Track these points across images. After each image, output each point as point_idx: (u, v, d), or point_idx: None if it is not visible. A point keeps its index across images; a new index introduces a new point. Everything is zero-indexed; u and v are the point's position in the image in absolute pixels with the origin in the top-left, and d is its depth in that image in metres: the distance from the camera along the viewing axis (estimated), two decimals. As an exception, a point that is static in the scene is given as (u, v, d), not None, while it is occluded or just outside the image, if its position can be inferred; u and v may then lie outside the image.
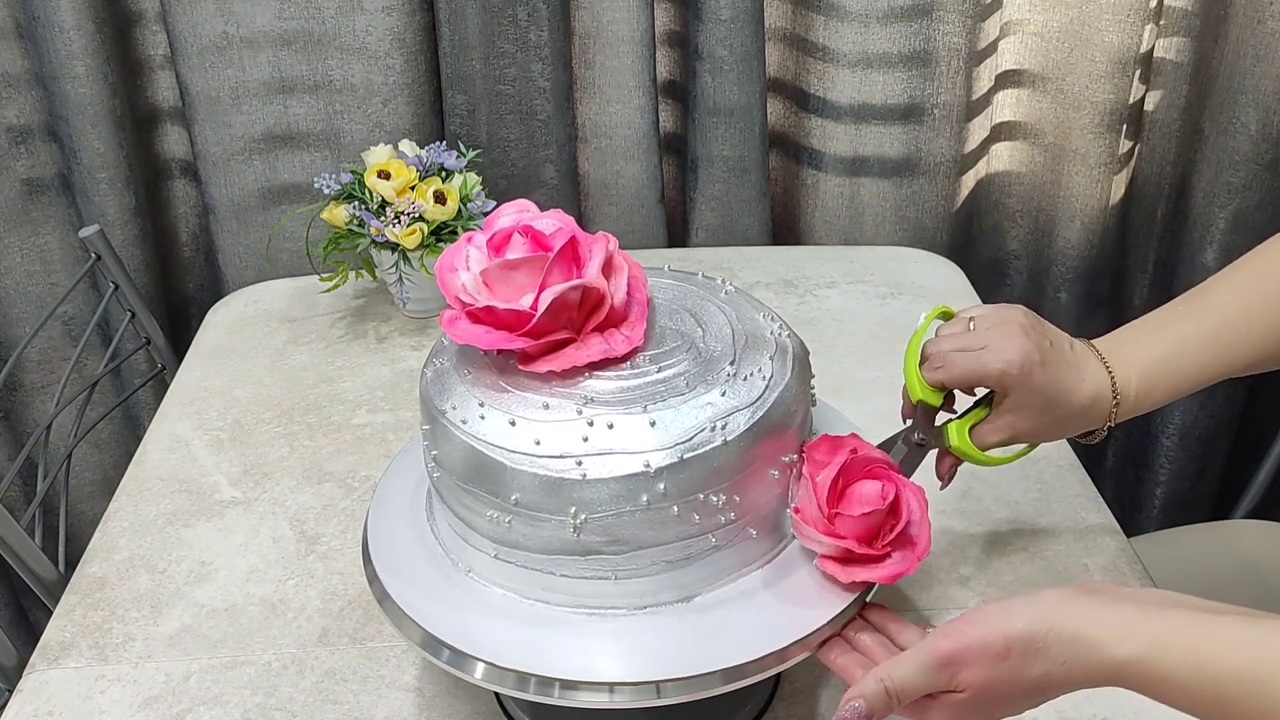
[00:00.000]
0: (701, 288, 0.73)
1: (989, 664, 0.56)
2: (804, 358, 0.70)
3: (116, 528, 0.95)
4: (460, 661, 0.63)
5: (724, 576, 0.65)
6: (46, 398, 1.43)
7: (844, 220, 1.43)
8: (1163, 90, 1.41)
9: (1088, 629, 0.54)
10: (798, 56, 1.38)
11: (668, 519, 0.61)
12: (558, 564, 0.63)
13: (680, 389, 0.63)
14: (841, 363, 1.12)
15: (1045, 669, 0.55)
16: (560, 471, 0.60)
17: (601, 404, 0.62)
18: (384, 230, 1.13)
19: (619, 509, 0.60)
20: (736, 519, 0.63)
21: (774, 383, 0.65)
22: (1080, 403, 0.72)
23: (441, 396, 0.66)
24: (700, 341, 0.67)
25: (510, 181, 1.37)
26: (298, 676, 0.80)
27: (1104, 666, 0.54)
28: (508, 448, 0.62)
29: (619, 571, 0.63)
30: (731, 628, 0.63)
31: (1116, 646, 0.53)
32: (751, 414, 0.63)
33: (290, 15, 1.27)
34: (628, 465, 0.60)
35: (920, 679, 0.57)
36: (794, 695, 0.77)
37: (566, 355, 0.64)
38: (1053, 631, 0.55)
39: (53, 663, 0.82)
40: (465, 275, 0.66)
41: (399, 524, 0.72)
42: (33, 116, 1.31)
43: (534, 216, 0.68)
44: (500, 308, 0.64)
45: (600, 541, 0.62)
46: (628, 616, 0.64)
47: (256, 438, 1.05)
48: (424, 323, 1.22)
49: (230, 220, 1.36)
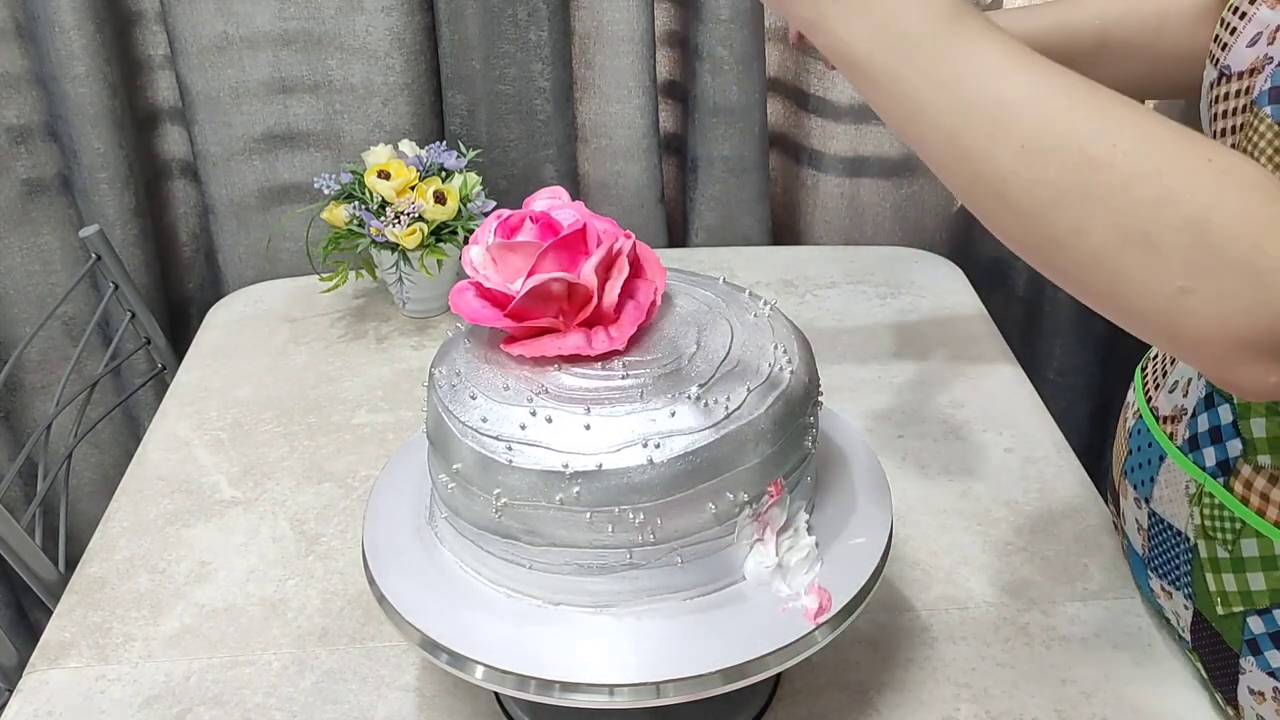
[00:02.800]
0: (735, 305, 0.70)
1: None
2: (800, 398, 0.66)
3: (116, 528, 0.95)
4: (460, 662, 0.63)
5: (644, 597, 0.64)
6: (46, 398, 1.43)
7: (844, 220, 1.43)
8: (1163, 90, 1.41)
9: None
10: (798, 56, 1.38)
11: (580, 523, 0.61)
12: (483, 539, 0.64)
13: (632, 399, 0.62)
14: (841, 363, 1.12)
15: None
16: (493, 452, 0.61)
17: (553, 397, 0.62)
18: (384, 230, 1.13)
19: (534, 501, 0.61)
20: (657, 541, 0.62)
21: (736, 415, 0.62)
22: None
23: (441, 357, 0.69)
24: (687, 358, 0.65)
25: (510, 181, 1.37)
26: (298, 676, 0.80)
27: None
28: (460, 418, 0.63)
29: (534, 562, 0.63)
30: (731, 628, 0.63)
31: None
32: (692, 441, 0.60)
33: (290, 15, 1.27)
34: (549, 461, 0.60)
35: None
36: (794, 695, 0.77)
37: (541, 343, 0.65)
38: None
39: (53, 663, 0.82)
40: (477, 250, 0.67)
41: (398, 524, 0.72)
42: (33, 116, 1.31)
43: (560, 205, 0.68)
44: (490, 286, 0.65)
45: (518, 528, 0.62)
46: (627, 617, 0.64)
47: (256, 438, 1.05)
48: (424, 323, 1.22)
49: (230, 220, 1.36)
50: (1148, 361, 0.81)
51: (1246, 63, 0.63)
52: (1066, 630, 0.81)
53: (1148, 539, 0.76)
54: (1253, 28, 0.63)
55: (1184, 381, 0.72)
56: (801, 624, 0.63)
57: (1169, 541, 0.73)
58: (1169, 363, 0.76)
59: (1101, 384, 1.57)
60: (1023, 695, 0.76)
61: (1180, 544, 0.71)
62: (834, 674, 0.78)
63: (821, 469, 0.72)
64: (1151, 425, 0.75)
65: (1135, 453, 0.77)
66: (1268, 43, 0.62)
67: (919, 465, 0.98)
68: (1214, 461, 0.68)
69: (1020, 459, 0.98)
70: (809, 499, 0.69)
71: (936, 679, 0.77)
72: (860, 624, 0.80)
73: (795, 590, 0.64)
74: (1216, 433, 0.68)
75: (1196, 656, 0.74)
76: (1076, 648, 0.80)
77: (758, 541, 0.65)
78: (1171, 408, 0.73)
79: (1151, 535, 0.75)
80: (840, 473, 0.73)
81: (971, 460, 0.98)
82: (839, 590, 0.64)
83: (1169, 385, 0.74)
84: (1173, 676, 0.77)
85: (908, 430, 1.02)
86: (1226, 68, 0.65)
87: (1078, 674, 0.78)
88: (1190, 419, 0.70)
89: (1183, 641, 0.76)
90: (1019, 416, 1.04)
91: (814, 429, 0.68)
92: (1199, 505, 0.69)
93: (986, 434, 1.01)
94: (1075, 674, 0.78)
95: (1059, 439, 1.01)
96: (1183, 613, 0.74)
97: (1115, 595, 0.84)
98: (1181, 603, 0.73)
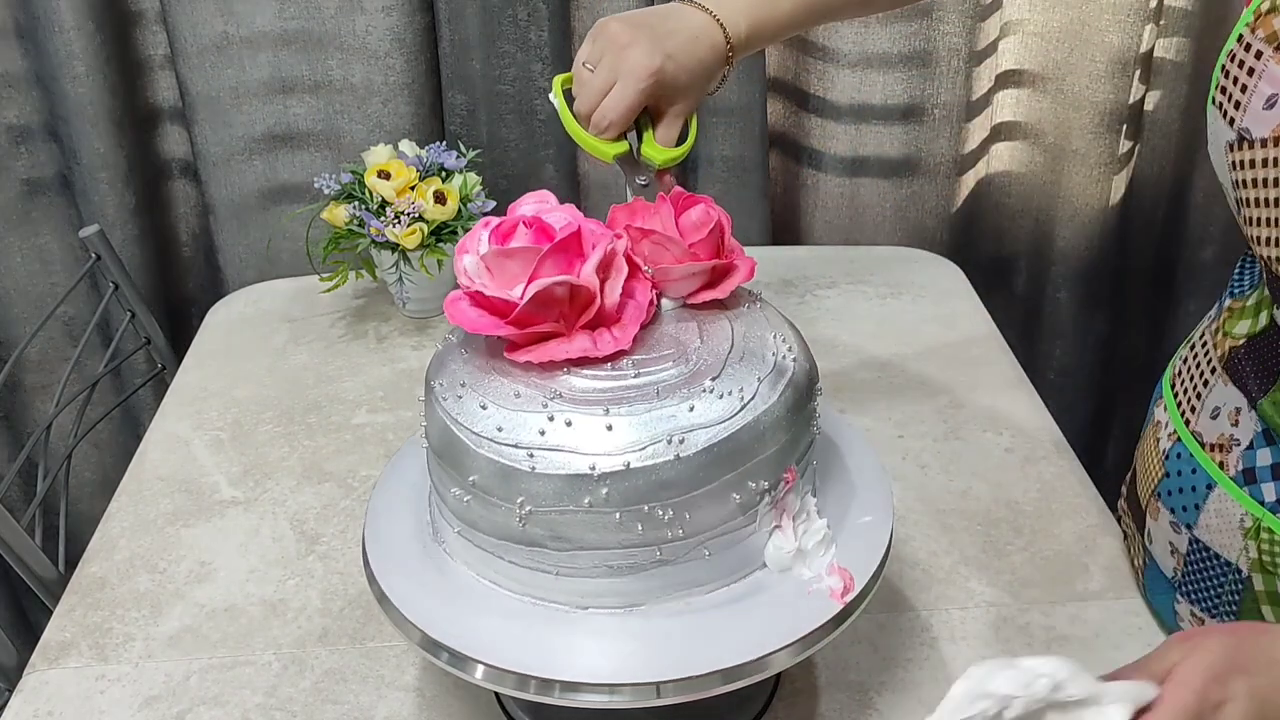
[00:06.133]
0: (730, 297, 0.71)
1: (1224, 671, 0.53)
2: (805, 385, 0.67)
3: (116, 528, 0.95)
4: (460, 662, 0.63)
5: (672, 592, 0.64)
6: (46, 398, 1.43)
7: (844, 220, 1.43)
8: (1163, 90, 1.41)
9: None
10: (798, 56, 1.38)
11: (609, 524, 0.61)
12: (505, 550, 0.64)
13: (650, 397, 0.62)
14: (841, 362, 1.12)
15: None
16: (513, 460, 0.61)
17: (568, 401, 0.62)
18: (384, 230, 1.13)
19: (561, 506, 0.60)
20: (686, 536, 0.62)
21: (752, 405, 0.62)
22: (708, 60, 0.79)
23: (437, 370, 0.68)
24: (694, 352, 0.65)
25: (510, 181, 1.37)
26: (298, 676, 0.80)
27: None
28: (473, 429, 0.62)
29: (560, 568, 0.63)
30: (731, 628, 0.63)
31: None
32: (714, 433, 0.61)
33: (290, 15, 1.27)
34: (575, 464, 0.60)
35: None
36: (794, 695, 0.77)
37: (547, 349, 0.64)
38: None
39: (53, 663, 0.82)
40: (470, 259, 0.66)
41: (398, 524, 0.72)
42: (33, 116, 1.31)
43: (549, 209, 0.68)
44: (491, 294, 0.64)
45: (544, 535, 0.62)
46: (627, 617, 0.64)
47: (256, 438, 1.05)
48: (424, 323, 1.22)
49: (230, 220, 1.36)
50: (1175, 378, 0.80)
51: (1268, 128, 0.62)
52: (1066, 630, 0.81)
53: (1184, 564, 0.75)
54: (1266, 85, 0.62)
55: (1230, 410, 0.71)
56: (830, 605, 0.63)
57: (1214, 571, 0.72)
58: (1201, 383, 0.75)
59: (1101, 384, 1.57)
60: (1023, 695, 0.76)
61: (1228, 575, 0.71)
62: (834, 674, 0.78)
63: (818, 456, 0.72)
64: (1196, 451, 0.74)
65: (1174, 476, 0.76)
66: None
67: (919, 465, 0.98)
68: (1275, 497, 0.68)
69: (1020, 459, 0.98)
70: (813, 483, 0.69)
71: (936, 679, 0.77)
72: (860, 624, 0.80)
73: (816, 572, 0.65)
74: (1278, 470, 0.67)
75: None
76: (1076, 648, 0.80)
77: (776, 528, 0.65)
78: (1218, 436, 0.72)
79: (1190, 562, 0.74)
80: (834, 458, 0.74)
81: (971, 460, 0.98)
82: (859, 569, 0.65)
83: (1209, 410, 0.73)
84: (1173, 676, 0.77)
85: (908, 430, 1.02)
86: (1246, 130, 0.64)
87: (1078, 674, 0.78)
88: (1246, 451, 0.70)
89: None
90: (1019, 416, 1.04)
91: (817, 414, 0.69)
92: (1256, 539, 0.68)
93: (986, 434, 1.01)
94: (1075, 674, 0.78)
95: (1059, 439, 1.01)
96: None
97: (1115, 595, 0.84)
98: None
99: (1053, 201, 1.44)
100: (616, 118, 0.76)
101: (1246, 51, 0.63)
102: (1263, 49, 0.62)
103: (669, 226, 0.68)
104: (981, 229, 1.50)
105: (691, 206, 0.69)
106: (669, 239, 0.67)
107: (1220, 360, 0.73)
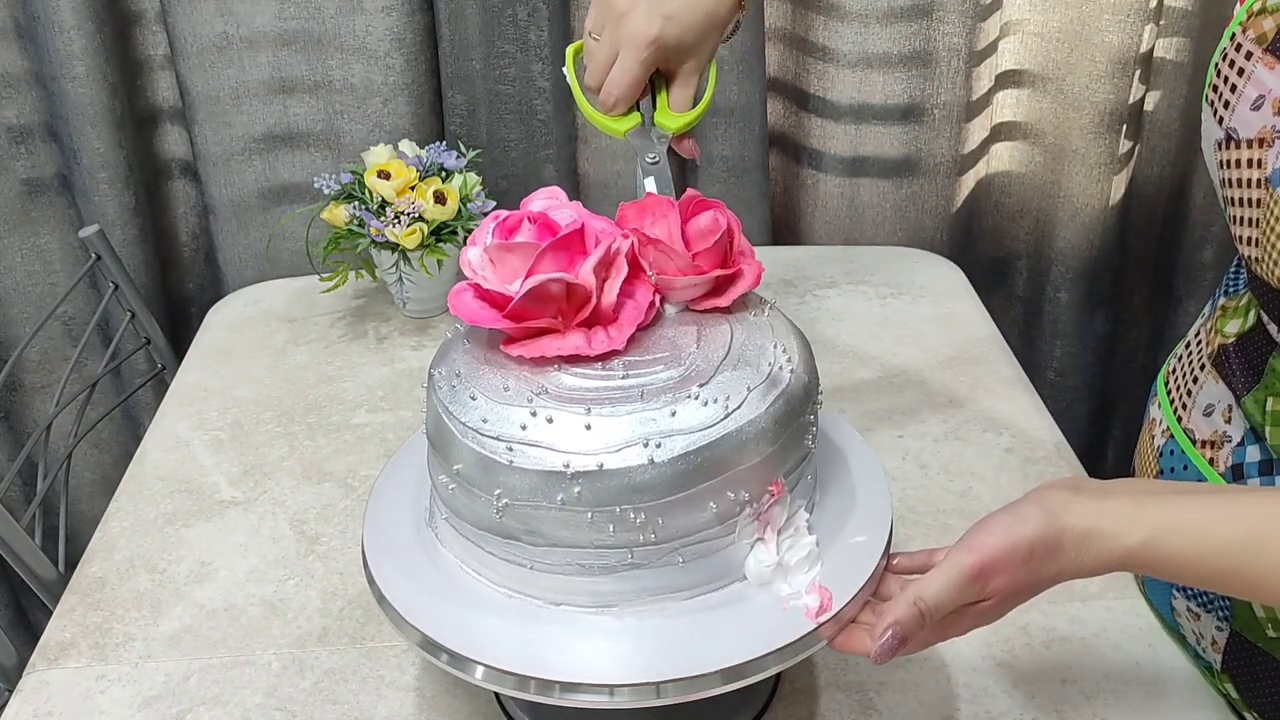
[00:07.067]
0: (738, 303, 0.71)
1: (1015, 569, 0.58)
2: (800, 397, 0.65)
3: (116, 528, 0.95)
4: (460, 662, 0.63)
5: (645, 597, 0.64)
6: (46, 398, 1.43)
7: (844, 220, 1.43)
8: (1163, 90, 1.41)
9: (1098, 524, 0.57)
10: (798, 56, 1.38)
11: (581, 523, 0.61)
12: (484, 540, 0.64)
13: (634, 399, 0.62)
14: (841, 362, 1.12)
15: (1060, 566, 0.58)
16: (493, 452, 0.61)
17: (553, 397, 0.62)
18: (384, 230, 1.13)
19: (535, 502, 0.61)
20: (659, 541, 0.62)
21: (737, 414, 0.61)
22: (715, 10, 0.74)
23: (439, 360, 0.69)
24: (687, 357, 0.65)
25: (510, 181, 1.37)
26: (298, 676, 0.80)
27: (1112, 555, 0.57)
28: (460, 419, 0.63)
29: (535, 562, 0.63)
30: (731, 628, 0.63)
31: (1124, 537, 0.56)
32: (693, 440, 0.60)
33: (290, 15, 1.27)
34: (551, 461, 0.60)
35: (952, 594, 0.58)
36: (794, 695, 0.77)
37: (540, 344, 0.65)
38: (1066, 531, 0.57)
39: (53, 663, 0.82)
40: (474, 251, 0.67)
41: (398, 524, 0.72)
42: (33, 116, 1.31)
43: (557, 205, 0.68)
44: (489, 287, 0.65)
45: (519, 529, 0.62)
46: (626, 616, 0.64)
47: (256, 438, 1.05)
48: (424, 323, 1.22)
49: (230, 220, 1.37)
50: (1169, 375, 0.80)
51: (1254, 130, 0.62)
52: (1066, 630, 0.81)
53: None
54: (1253, 88, 0.63)
55: (1223, 407, 0.71)
56: (802, 623, 0.63)
57: None
58: (1192, 380, 0.75)
59: (1102, 384, 1.57)
60: (1022, 695, 0.76)
61: None
62: (834, 674, 0.78)
63: (821, 468, 0.72)
64: (1187, 448, 0.74)
65: (1168, 473, 0.76)
66: (1273, 112, 0.61)
67: (919, 465, 0.98)
68: None
69: (1020, 459, 0.98)
70: (809, 498, 0.69)
71: (936, 679, 0.77)
72: (860, 624, 0.80)
73: (796, 589, 0.64)
74: (1267, 466, 0.67)
75: (1228, 678, 0.73)
76: (1076, 648, 0.80)
77: (758, 540, 0.65)
78: (1211, 432, 0.72)
79: None
80: (840, 472, 0.73)
81: (971, 460, 0.98)
82: (840, 589, 0.64)
83: (1202, 407, 0.73)
84: (1172, 677, 0.77)
85: (908, 430, 1.02)
86: (1233, 130, 0.64)
87: (1078, 674, 0.78)
88: (1236, 447, 0.70)
89: (1199, 661, 0.76)
90: (1019, 416, 1.04)
91: (814, 428, 0.68)
92: None
93: (986, 434, 1.01)
94: (1075, 674, 0.78)
95: (1059, 439, 1.01)
96: (1214, 634, 0.73)
97: (1115, 595, 0.84)
98: (1213, 625, 0.73)
99: (1053, 201, 1.44)
100: (621, 94, 0.75)
101: (1237, 51, 0.63)
102: (1252, 50, 0.62)
103: (674, 236, 0.67)
104: (981, 229, 1.50)
105: (702, 212, 0.68)
106: (672, 250, 0.67)
107: (1210, 357, 0.73)
